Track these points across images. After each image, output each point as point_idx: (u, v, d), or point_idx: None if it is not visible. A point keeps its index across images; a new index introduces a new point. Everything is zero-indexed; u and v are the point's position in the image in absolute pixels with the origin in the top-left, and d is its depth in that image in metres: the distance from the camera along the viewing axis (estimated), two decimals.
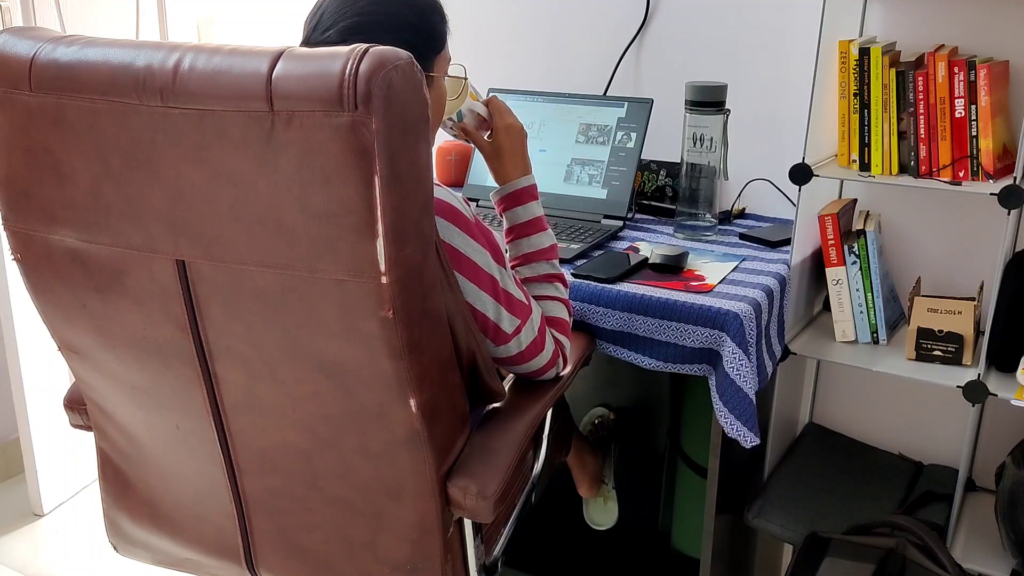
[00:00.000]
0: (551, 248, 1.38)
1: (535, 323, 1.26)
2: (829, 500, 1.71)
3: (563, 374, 1.35)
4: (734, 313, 1.43)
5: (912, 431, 1.91)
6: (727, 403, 1.43)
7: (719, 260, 1.68)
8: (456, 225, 1.14)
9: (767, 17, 1.92)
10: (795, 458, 1.85)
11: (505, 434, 1.20)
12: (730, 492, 1.65)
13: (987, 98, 1.47)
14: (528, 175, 1.41)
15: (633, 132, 1.87)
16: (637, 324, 1.50)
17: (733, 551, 1.75)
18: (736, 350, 1.42)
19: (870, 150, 1.58)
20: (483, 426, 1.21)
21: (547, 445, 1.42)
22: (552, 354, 1.30)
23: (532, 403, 1.28)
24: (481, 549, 1.22)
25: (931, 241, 1.82)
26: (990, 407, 1.79)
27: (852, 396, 1.96)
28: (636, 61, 2.10)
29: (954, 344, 1.58)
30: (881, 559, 1.50)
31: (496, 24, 2.25)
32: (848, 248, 1.63)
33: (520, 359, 1.27)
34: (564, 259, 1.60)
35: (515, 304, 1.23)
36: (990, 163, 1.49)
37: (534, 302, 1.28)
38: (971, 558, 1.58)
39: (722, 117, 1.75)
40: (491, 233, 1.21)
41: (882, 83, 1.54)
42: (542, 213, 1.39)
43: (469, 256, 1.16)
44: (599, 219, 1.84)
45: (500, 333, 1.22)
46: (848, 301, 1.66)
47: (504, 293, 1.21)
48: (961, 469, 1.58)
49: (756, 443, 1.43)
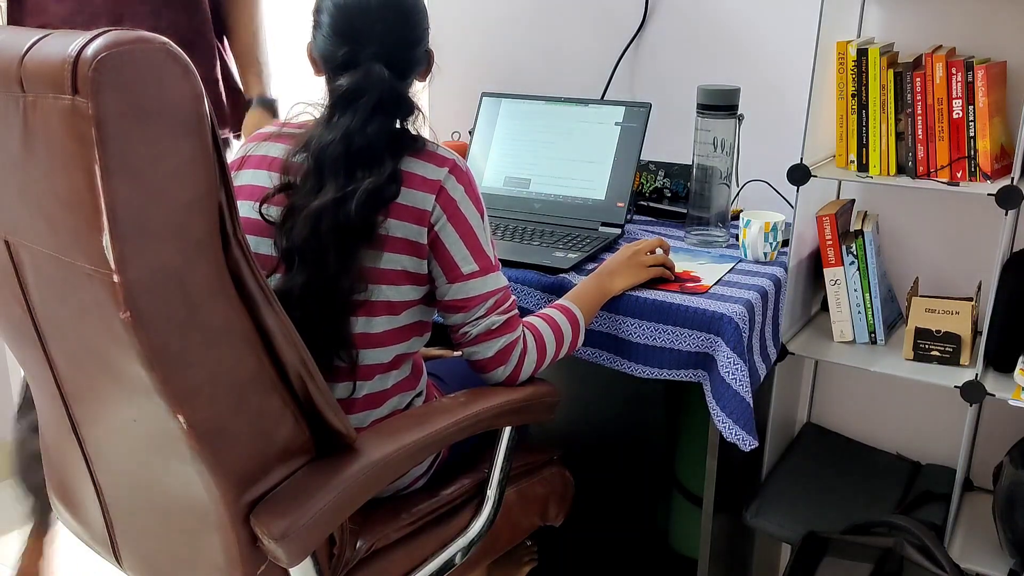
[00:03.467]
0: (572, 325, 1.41)
1: (498, 283, 1.30)
2: (827, 500, 1.71)
3: (513, 380, 1.32)
4: (729, 316, 1.43)
5: (910, 431, 1.91)
6: (724, 408, 1.42)
7: (715, 261, 1.68)
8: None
9: (765, 19, 1.92)
10: (793, 458, 1.86)
11: (332, 474, 1.07)
12: (728, 492, 1.65)
13: (984, 99, 1.47)
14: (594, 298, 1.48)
15: (631, 136, 1.87)
16: (627, 328, 1.50)
17: (731, 551, 1.76)
18: (731, 354, 1.41)
19: (868, 151, 1.58)
20: (318, 462, 1.10)
21: (493, 503, 1.36)
22: (508, 343, 1.29)
23: (384, 445, 1.14)
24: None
25: (929, 241, 1.82)
26: (988, 407, 1.80)
27: (850, 396, 1.96)
28: (634, 64, 2.10)
29: (952, 344, 1.58)
30: (879, 559, 1.51)
31: (494, 27, 2.25)
32: (846, 248, 1.64)
33: (463, 306, 1.28)
34: (561, 269, 1.60)
35: (481, 255, 1.28)
36: (988, 164, 1.50)
37: (505, 280, 1.32)
38: (969, 558, 1.59)
39: (733, 121, 1.75)
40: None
41: (880, 84, 1.54)
42: (581, 319, 1.42)
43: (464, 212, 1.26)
44: (596, 227, 1.84)
45: (455, 270, 1.26)
46: (846, 301, 1.66)
47: (476, 241, 1.27)
48: (959, 469, 1.58)
49: (755, 446, 1.43)
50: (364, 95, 1.22)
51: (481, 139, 2.00)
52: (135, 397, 0.95)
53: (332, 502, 1.04)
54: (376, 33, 1.25)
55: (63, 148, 0.83)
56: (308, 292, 1.20)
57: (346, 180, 1.20)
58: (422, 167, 1.26)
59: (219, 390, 0.95)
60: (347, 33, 1.25)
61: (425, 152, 1.27)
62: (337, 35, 1.25)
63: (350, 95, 1.22)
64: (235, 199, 0.93)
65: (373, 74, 1.23)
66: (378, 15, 1.25)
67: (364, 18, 1.25)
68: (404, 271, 1.25)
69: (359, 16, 1.25)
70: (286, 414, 1.03)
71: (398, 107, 1.26)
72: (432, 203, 1.25)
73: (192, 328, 0.91)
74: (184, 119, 0.85)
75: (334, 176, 1.20)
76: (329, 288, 1.21)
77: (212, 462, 0.96)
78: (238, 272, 0.94)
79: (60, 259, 0.90)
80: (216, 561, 1.05)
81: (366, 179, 1.20)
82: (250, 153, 1.33)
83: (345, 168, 1.21)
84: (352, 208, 1.19)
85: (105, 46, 0.79)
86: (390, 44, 1.26)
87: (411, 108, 1.28)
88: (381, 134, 1.23)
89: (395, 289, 1.25)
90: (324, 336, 1.21)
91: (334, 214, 1.19)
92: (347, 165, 1.21)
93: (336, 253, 1.20)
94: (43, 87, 0.83)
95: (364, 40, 1.24)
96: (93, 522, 1.24)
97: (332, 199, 1.19)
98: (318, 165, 1.21)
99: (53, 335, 1.03)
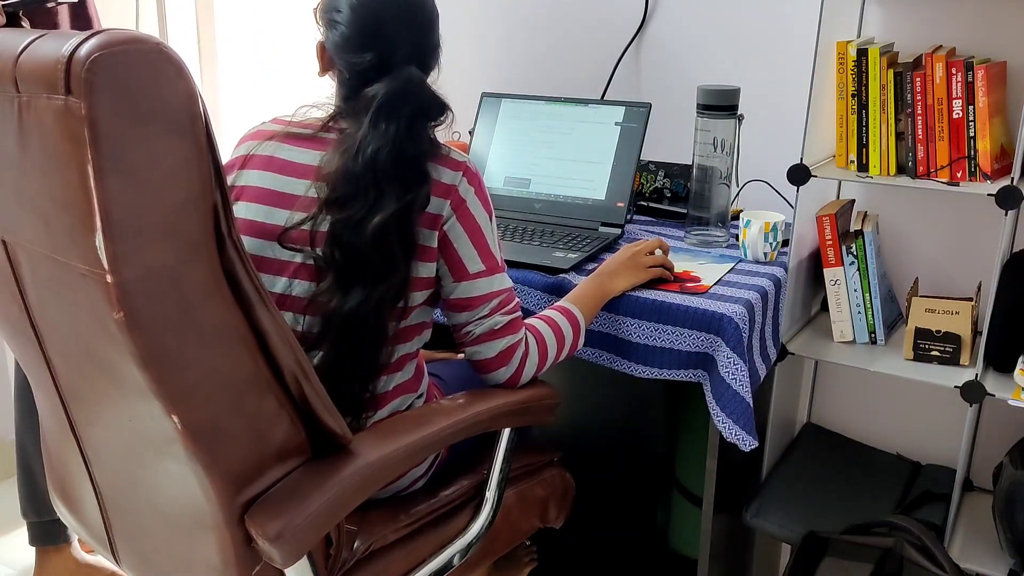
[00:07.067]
0: (573, 327, 1.41)
1: (503, 284, 1.29)
2: (827, 500, 1.71)
3: (514, 382, 1.32)
4: (729, 316, 1.42)
5: (910, 431, 1.91)
6: (724, 408, 1.42)
7: (715, 261, 1.68)
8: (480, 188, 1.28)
9: (765, 18, 1.92)
10: (793, 458, 1.86)
11: (327, 476, 1.06)
12: (728, 492, 1.65)
13: (984, 99, 1.47)
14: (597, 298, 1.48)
15: (631, 136, 1.87)
16: (627, 328, 1.50)
17: (731, 551, 1.75)
18: (731, 354, 1.41)
19: (868, 151, 1.58)
20: (314, 463, 1.09)
21: (492, 504, 1.36)
22: (511, 344, 1.29)
23: (380, 446, 1.14)
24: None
25: (929, 242, 1.82)
26: (988, 407, 1.79)
27: (850, 396, 1.96)
28: (634, 64, 2.10)
29: (952, 344, 1.58)
30: (879, 559, 1.51)
31: (494, 27, 2.25)
32: (846, 249, 1.63)
33: (468, 305, 1.27)
34: (561, 269, 1.60)
35: (488, 255, 1.27)
36: (988, 164, 1.49)
37: (510, 281, 1.32)
38: (969, 558, 1.58)
39: (733, 121, 1.74)
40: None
41: (880, 84, 1.54)
42: (582, 320, 1.42)
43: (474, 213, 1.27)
44: (596, 226, 1.84)
45: (461, 269, 1.25)
46: (846, 301, 1.66)
47: (483, 241, 1.27)
48: (959, 469, 1.58)
49: (755, 446, 1.43)
50: (407, 101, 1.21)
51: (481, 139, 2.00)
52: (130, 397, 0.95)
53: (327, 503, 1.04)
54: (404, 35, 1.24)
55: (57, 148, 0.83)
56: (360, 311, 1.18)
57: (401, 190, 1.19)
58: (438, 171, 1.25)
59: (214, 391, 0.95)
60: (375, 34, 1.23)
61: (440, 156, 1.26)
62: (362, 36, 1.24)
63: (393, 101, 1.20)
64: (230, 200, 0.93)
65: (413, 79, 1.22)
66: (403, 15, 1.24)
67: (391, 19, 1.23)
68: (417, 277, 1.25)
69: (385, 16, 1.23)
70: (281, 415, 1.03)
71: (435, 110, 1.25)
72: (445, 207, 1.24)
73: (187, 328, 0.91)
74: (178, 119, 0.85)
75: (389, 186, 1.18)
76: (379, 307, 1.19)
77: (207, 462, 0.96)
78: (233, 273, 0.93)
79: (55, 259, 0.90)
80: (211, 561, 1.05)
81: (416, 188, 1.20)
82: (254, 152, 1.31)
83: (399, 178, 1.19)
84: (413, 219, 1.19)
85: (98, 46, 0.79)
86: (419, 45, 1.26)
87: (443, 109, 1.26)
88: (424, 140, 1.23)
89: (409, 295, 1.25)
90: (361, 362, 1.22)
91: (398, 227, 1.18)
92: (400, 175, 1.19)
93: (405, 266, 1.20)
94: (37, 87, 0.83)
95: (394, 42, 1.23)
96: (92, 521, 1.25)
97: (394, 211, 1.18)
98: (374, 176, 1.18)
99: (50, 335, 1.03)
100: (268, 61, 2.80)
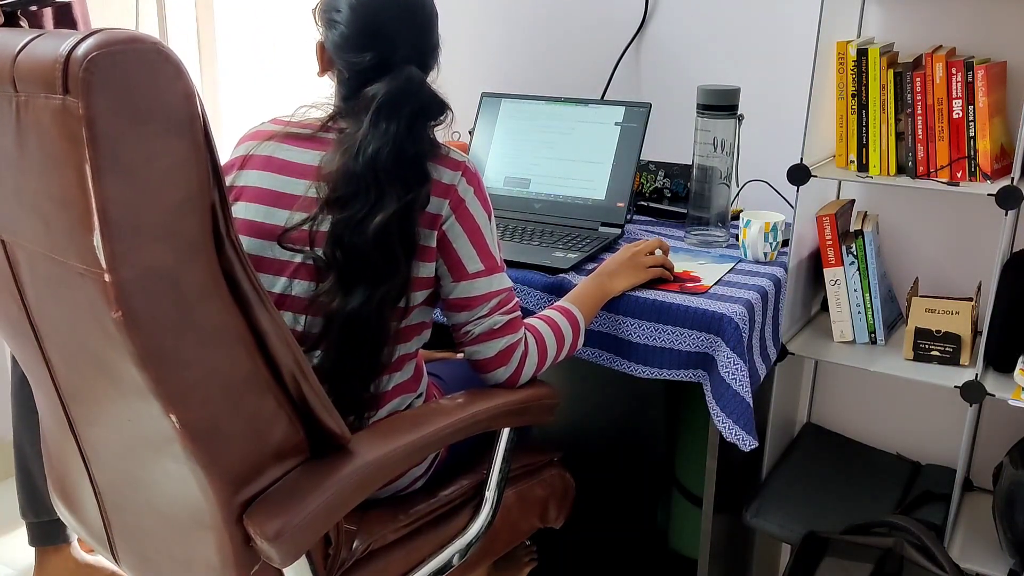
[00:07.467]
0: (572, 327, 1.41)
1: (503, 284, 1.29)
2: (827, 500, 1.71)
3: (513, 382, 1.32)
4: (729, 316, 1.42)
5: (910, 431, 1.91)
6: (724, 408, 1.42)
7: (715, 261, 1.68)
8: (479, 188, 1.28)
9: (765, 18, 1.92)
10: (793, 458, 1.86)
11: (325, 475, 1.06)
12: (728, 492, 1.65)
13: (984, 99, 1.47)
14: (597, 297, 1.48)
15: (631, 136, 1.87)
16: (627, 328, 1.50)
17: (731, 551, 1.75)
18: (731, 354, 1.41)
19: (868, 151, 1.58)
20: (312, 463, 1.09)
21: (492, 504, 1.36)
22: (510, 344, 1.29)
23: (378, 446, 1.14)
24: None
25: (929, 242, 1.82)
26: (988, 407, 1.79)
27: (850, 396, 1.96)
28: (634, 64, 2.10)
29: (952, 344, 1.58)
30: (879, 559, 1.51)
31: (494, 27, 2.25)
32: (846, 249, 1.63)
33: (467, 305, 1.27)
34: (561, 269, 1.60)
35: (487, 255, 1.27)
36: (988, 164, 1.49)
37: (510, 281, 1.32)
38: (969, 558, 1.58)
39: (733, 121, 1.74)
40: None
41: (880, 84, 1.54)
42: (581, 320, 1.42)
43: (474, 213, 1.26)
44: (596, 226, 1.84)
45: (460, 268, 1.25)
46: (846, 301, 1.66)
47: (482, 241, 1.26)
48: (959, 469, 1.58)
49: (755, 446, 1.43)
50: (407, 100, 1.21)
51: (481, 139, 2.00)
52: (129, 397, 0.95)
53: (325, 503, 1.04)
54: (404, 34, 1.24)
55: (55, 147, 0.83)
56: (363, 311, 1.18)
57: (402, 190, 1.19)
58: (437, 171, 1.25)
59: (213, 390, 0.95)
60: (374, 34, 1.23)
61: (440, 156, 1.26)
62: (362, 36, 1.24)
63: (393, 101, 1.20)
64: (228, 200, 0.93)
65: (413, 78, 1.22)
66: (403, 15, 1.24)
67: (390, 19, 1.23)
68: (417, 277, 1.25)
69: (385, 16, 1.23)
70: (280, 414, 1.03)
71: (435, 109, 1.25)
72: (444, 206, 1.24)
73: (185, 328, 0.91)
74: (176, 119, 0.85)
75: (390, 186, 1.19)
76: (380, 307, 1.20)
77: (206, 462, 0.96)
78: (232, 272, 0.93)
79: (54, 258, 0.90)
80: (210, 560, 1.05)
81: (416, 188, 1.20)
82: (253, 152, 1.31)
83: (400, 177, 1.19)
84: (414, 219, 1.19)
85: (96, 46, 0.79)
86: (419, 45, 1.26)
87: (443, 108, 1.26)
88: (425, 139, 1.23)
89: (410, 295, 1.26)
90: (362, 362, 1.22)
91: (399, 226, 1.18)
92: (401, 174, 1.19)
93: (406, 265, 1.20)
94: (35, 87, 0.83)
95: (394, 42, 1.23)
96: (91, 520, 1.25)
97: (396, 210, 1.18)
98: (375, 176, 1.18)
99: (49, 334, 1.03)
100: (268, 61, 2.80)
